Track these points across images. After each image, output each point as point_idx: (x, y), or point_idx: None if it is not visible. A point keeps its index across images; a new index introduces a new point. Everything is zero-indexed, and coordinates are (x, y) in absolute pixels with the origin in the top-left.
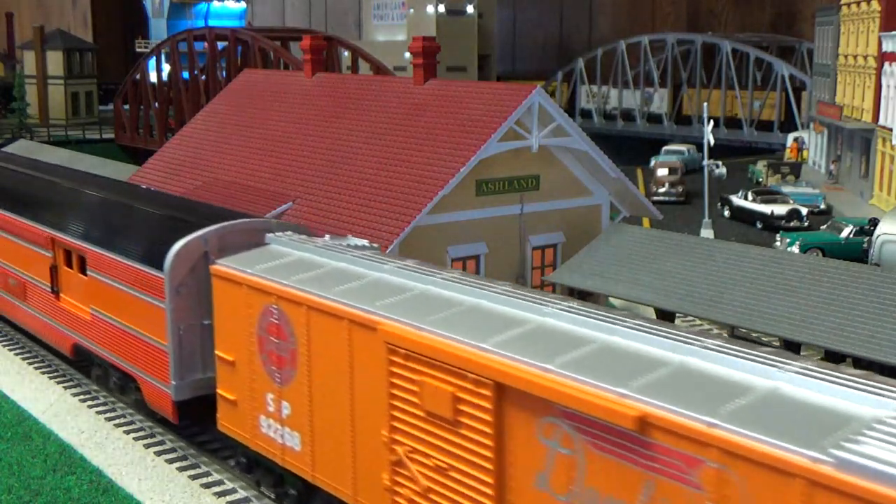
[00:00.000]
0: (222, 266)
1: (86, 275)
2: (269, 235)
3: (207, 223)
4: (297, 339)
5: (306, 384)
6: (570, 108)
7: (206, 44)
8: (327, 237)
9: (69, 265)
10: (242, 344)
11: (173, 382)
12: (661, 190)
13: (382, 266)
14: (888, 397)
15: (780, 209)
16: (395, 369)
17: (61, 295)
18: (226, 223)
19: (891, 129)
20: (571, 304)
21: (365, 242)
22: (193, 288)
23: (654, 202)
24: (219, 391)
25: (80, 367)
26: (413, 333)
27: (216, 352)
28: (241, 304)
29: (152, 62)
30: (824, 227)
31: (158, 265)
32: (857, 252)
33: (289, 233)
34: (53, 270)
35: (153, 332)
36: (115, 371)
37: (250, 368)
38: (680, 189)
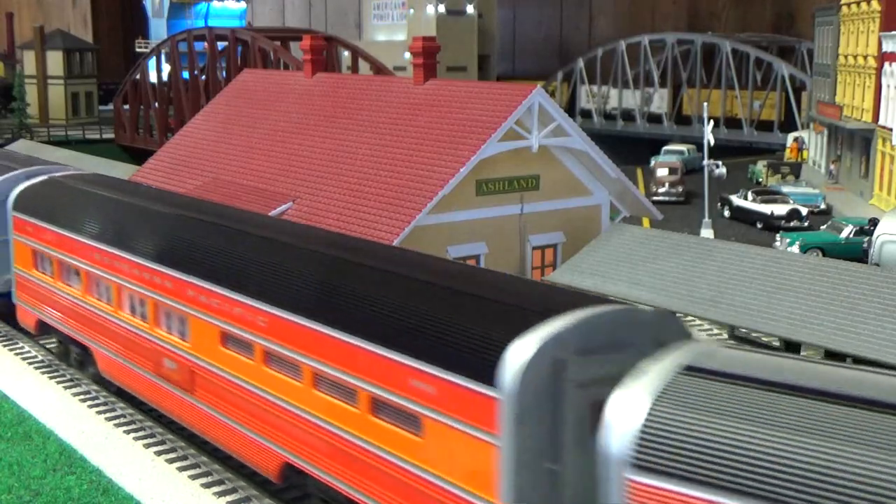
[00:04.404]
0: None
1: None
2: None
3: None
4: None
5: None
6: (570, 108)
7: (206, 44)
8: None
9: None
10: None
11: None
12: (661, 190)
13: None
14: None
15: (780, 209)
16: None
17: None
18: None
19: (891, 129)
20: None
21: None
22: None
23: (654, 202)
24: None
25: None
26: None
27: None
28: None
29: (152, 62)
30: (824, 227)
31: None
32: (857, 252)
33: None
34: None
35: None
36: None
37: None
38: (680, 189)
